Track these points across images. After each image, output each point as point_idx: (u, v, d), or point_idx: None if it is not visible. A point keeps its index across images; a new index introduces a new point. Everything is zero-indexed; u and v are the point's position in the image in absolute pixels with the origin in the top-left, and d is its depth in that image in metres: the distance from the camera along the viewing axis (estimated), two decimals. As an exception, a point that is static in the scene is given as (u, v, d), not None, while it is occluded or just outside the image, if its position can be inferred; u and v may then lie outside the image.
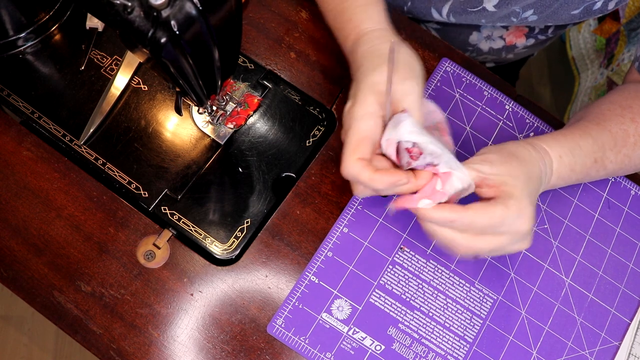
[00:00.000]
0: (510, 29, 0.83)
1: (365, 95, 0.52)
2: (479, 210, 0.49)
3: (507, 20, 0.75)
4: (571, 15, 0.71)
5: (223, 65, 0.51)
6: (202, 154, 0.63)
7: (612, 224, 0.65)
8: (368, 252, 0.60)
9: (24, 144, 0.61)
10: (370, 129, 0.51)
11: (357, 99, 0.52)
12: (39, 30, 0.65)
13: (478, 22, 0.77)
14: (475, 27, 0.83)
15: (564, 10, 0.70)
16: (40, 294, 0.57)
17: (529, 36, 0.85)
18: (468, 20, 0.77)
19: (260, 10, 0.69)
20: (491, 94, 0.68)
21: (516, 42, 0.86)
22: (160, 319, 0.57)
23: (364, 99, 0.52)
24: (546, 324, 0.60)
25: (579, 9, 0.70)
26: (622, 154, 0.60)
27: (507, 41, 0.86)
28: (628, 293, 0.63)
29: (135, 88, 0.65)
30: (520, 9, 0.72)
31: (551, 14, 0.72)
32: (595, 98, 1.41)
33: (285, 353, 0.57)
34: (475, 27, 0.83)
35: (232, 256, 0.59)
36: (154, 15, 0.41)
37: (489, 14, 0.74)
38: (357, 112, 0.51)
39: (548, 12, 0.71)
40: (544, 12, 0.72)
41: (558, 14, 0.71)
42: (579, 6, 0.69)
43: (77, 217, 0.59)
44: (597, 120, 0.60)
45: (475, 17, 0.76)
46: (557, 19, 0.73)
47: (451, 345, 0.58)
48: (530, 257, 0.63)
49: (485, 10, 0.73)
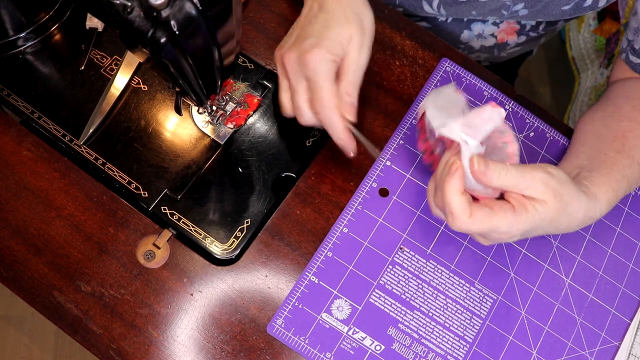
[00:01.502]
0: (501, 26, 0.83)
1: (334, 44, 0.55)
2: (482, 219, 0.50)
3: (497, 13, 0.75)
4: (562, 11, 0.71)
5: (223, 65, 0.51)
6: (202, 154, 0.63)
7: (612, 224, 0.65)
8: (368, 252, 0.60)
9: (24, 144, 0.61)
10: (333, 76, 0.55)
11: (323, 44, 0.54)
12: (39, 30, 0.65)
13: (469, 14, 0.77)
14: (467, 25, 0.83)
15: (555, 5, 0.71)
16: (40, 294, 0.57)
17: (520, 33, 0.85)
18: (459, 13, 0.77)
19: (260, 10, 0.69)
20: (491, 94, 0.68)
21: (507, 39, 0.86)
22: (160, 319, 0.57)
23: (333, 47, 0.54)
24: (546, 324, 0.60)
25: (569, 5, 0.70)
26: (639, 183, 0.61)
27: (498, 39, 0.86)
28: (628, 293, 0.63)
29: (135, 88, 0.65)
30: (511, 2, 0.72)
31: (542, 9, 0.72)
32: (595, 98, 1.41)
33: (285, 353, 0.57)
34: (466, 25, 0.83)
35: (232, 256, 0.59)
36: (154, 15, 0.41)
37: (480, 4, 0.74)
38: (325, 57, 0.54)
39: (539, 6, 0.71)
40: (534, 6, 0.71)
41: (549, 8, 0.71)
42: (570, 2, 0.69)
43: (77, 217, 0.59)
44: (626, 151, 0.59)
45: (466, 9, 0.75)
46: (548, 14, 0.73)
47: (451, 345, 0.58)
48: (530, 257, 0.63)
49: (476, 1, 0.73)
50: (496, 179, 0.49)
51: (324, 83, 0.54)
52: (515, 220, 0.49)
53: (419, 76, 0.68)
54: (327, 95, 0.54)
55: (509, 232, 0.50)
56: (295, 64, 0.55)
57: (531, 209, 0.50)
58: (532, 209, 0.49)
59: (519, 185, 0.49)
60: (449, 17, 0.82)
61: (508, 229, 0.50)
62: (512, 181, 0.49)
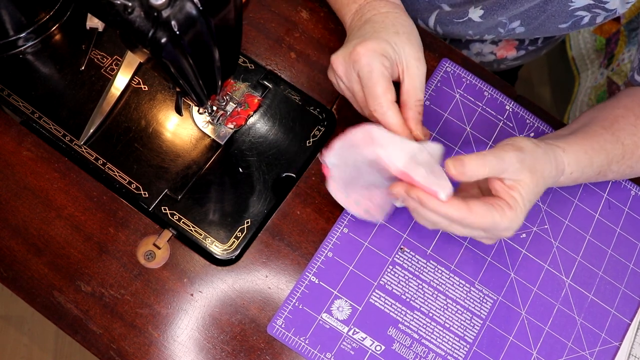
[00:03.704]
0: (500, 44, 0.83)
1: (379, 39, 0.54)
2: (481, 215, 0.49)
3: (494, 31, 0.75)
4: (559, 29, 0.71)
5: (223, 65, 0.51)
6: (202, 154, 0.63)
7: (612, 225, 0.65)
8: (368, 253, 0.60)
9: (24, 144, 0.61)
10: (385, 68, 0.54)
11: (369, 40, 0.53)
12: (39, 30, 0.65)
13: (465, 34, 0.76)
14: (465, 45, 0.83)
15: (552, 23, 0.70)
16: (40, 294, 0.57)
17: (519, 48, 0.85)
18: (455, 32, 0.77)
19: (260, 10, 0.69)
20: (491, 95, 0.68)
21: (507, 55, 0.86)
22: (160, 319, 0.57)
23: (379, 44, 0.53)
24: (546, 325, 0.60)
25: (566, 23, 0.70)
26: (626, 165, 0.60)
27: (497, 55, 0.86)
28: (628, 293, 0.63)
29: (136, 88, 0.65)
30: (507, 20, 0.72)
31: (538, 26, 0.72)
32: (595, 98, 1.41)
33: (285, 353, 0.57)
34: (464, 45, 0.83)
35: (232, 256, 0.59)
36: (154, 15, 0.41)
37: (475, 24, 0.74)
38: (374, 49, 0.53)
39: (535, 24, 0.71)
40: (531, 23, 0.71)
41: (545, 26, 0.71)
42: (567, 20, 0.69)
43: (77, 217, 0.59)
44: (612, 129, 0.59)
45: (462, 29, 0.75)
46: (545, 31, 0.73)
47: (451, 345, 0.58)
48: (530, 258, 0.63)
49: (472, 21, 0.73)
50: (476, 171, 0.49)
51: (377, 78, 0.53)
52: (514, 215, 0.50)
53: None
54: (380, 89, 0.53)
55: (511, 228, 0.51)
56: (344, 64, 0.54)
57: (518, 196, 0.50)
58: (518, 197, 0.50)
59: (497, 170, 0.50)
60: (447, 39, 0.82)
61: (509, 225, 0.50)
62: (492, 168, 0.49)
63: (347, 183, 0.56)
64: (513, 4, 0.68)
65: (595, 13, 0.67)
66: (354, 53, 0.53)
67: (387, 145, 0.51)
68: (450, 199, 0.49)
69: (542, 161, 0.53)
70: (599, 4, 0.65)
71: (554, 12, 0.68)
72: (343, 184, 0.56)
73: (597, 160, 0.58)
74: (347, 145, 0.53)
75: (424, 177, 0.49)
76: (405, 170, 0.50)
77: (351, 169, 0.55)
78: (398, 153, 0.51)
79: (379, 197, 0.57)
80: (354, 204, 0.58)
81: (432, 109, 0.67)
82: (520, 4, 0.68)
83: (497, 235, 0.52)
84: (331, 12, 0.68)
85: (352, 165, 0.54)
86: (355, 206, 0.58)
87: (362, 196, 0.57)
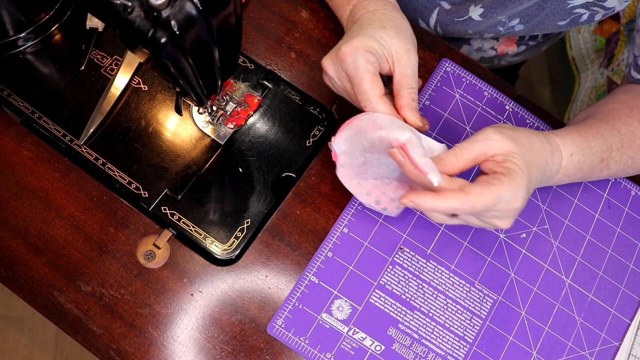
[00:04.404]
0: (500, 40, 0.83)
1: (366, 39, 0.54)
2: (479, 194, 0.48)
3: (494, 30, 0.75)
4: (558, 26, 0.72)
5: (223, 65, 0.51)
6: (202, 154, 0.63)
7: (612, 224, 0.65)
8: (368, 253, 0.60)
9: (24, 144, 0.61)
10: None
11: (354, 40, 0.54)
12: (39, 30, 0.65)
13: (465, 33, 0.77)
14: (466, 40, 0.83)
15: (550, 20, 0.71)
16: (40, 294, 0.57)
17: (520, 44, 0.85)
18: (455, 32, 0.77)
19: (260, 10, 0.69)
20: (491, 94, 0.68)
21: (507, 50, 0.86)
22: (160, 319, 0.57)
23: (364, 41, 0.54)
24: (546, 325, 0.60)
25: (565, 21, 0.70)
26: (627, 155, 0.60)
27: (498, 51, 0.86)
28: (628, 293, 0.63)
29: (136, 88, 0.65)
30: (507, 18, 0.72)
31: (537, 24, 0.72)
32: (595, 98, 1.41)
33: (285, 353, 0.57)
34: (465, 41, 0.83)
35: (232, 256, 0.59)
36: (154, 15, 0.41)
37: (476, 23, 0.74)
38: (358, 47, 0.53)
39: (534, 21, 0.71)
40: (530, 21, 0.71)
41: (544, 24, 0.71)
42: (565, 18, 0.69)
43: (77, 217, 0.59)
44: (607, 119, 0.60)
45: (462, 28, 0.75)
46: (544, 28, 0.73)
47: (451, 345, 0.58)
48: (530, 257, 0.63)
49: (472, 20, 0.73)
50: (457, 164, 0.49)
51: (363, 74, 0.53)
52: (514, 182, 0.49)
53: (420, 76, 0.68)
54: (367, 84, 0.53)
55: (517, 197, 0.50)
56: (333, 65, 0.56)
57: (511, 165, 0.50)
58: (512, 165, 0.50)
59: (480, 150, 0.50)
60: (447, 38, 0.82)
61: (512, 193, 0.49)
62: (471, 153, 0.50)
63: (357, 171, 0.57)
64: (513, 3, 0.68)
65: (594, 11, 0.67)
66: (340, 53, 0.54)
67: (389, 127, 0.52)
68: (444, 192, 0.49)
69: (527, 133, 0.53)
70: (597, 2, 0.65)
71: (552, 10, 0.68)
72: (353, 171, 0.57)
73: (596, 144, 0.58)
74: (353, 131, 0.54)
75: (420, 157, 0.50)
76: (405, 144, 0.50)
77: (359, 156, 0.55)
78: (400, 130, 0.51)
79: (391, 192, 0.58)
80: (364, 194, 0.58)
81: (432, 108, 0.67)
82: (520, 2, 0.68)
83: (507, 210, 0.50)
84: (331, 12, 0.69)
85: (360, 153, 0.55)
86: (366, 196, 0.58)
87: (373, 187, 0.58)
